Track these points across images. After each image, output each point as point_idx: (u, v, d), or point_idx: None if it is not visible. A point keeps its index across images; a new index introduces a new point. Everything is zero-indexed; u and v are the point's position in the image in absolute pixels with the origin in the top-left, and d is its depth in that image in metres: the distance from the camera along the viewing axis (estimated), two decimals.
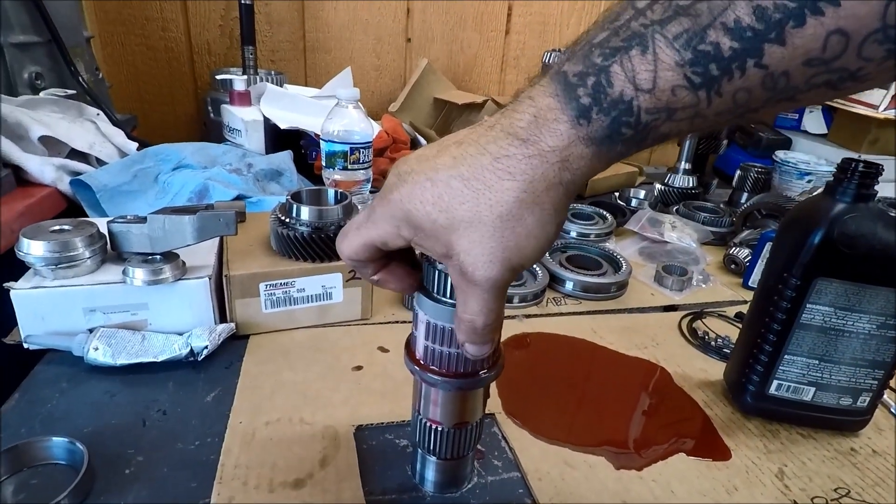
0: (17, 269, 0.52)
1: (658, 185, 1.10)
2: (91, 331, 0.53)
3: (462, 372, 0.36)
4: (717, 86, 0.22)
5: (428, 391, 0.38)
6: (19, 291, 0.51)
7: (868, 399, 0.49)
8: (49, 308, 0.52)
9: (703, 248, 0.89)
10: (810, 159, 1.18)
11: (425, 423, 0.39)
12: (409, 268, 0.34)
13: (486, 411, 0.50)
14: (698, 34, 0.22)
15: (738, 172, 1.08)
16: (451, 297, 0.33)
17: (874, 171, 0.45)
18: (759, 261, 0.78)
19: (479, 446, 0.46)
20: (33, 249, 0.50)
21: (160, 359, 0.53)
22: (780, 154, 1.20)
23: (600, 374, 0.59)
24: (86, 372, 0.52)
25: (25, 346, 0.52)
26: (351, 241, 0.31)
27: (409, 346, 0.38)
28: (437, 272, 0.33)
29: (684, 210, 0.99)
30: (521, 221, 0.26)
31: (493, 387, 0.53)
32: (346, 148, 0.78)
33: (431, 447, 0.40)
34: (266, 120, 0.91)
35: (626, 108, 0.24)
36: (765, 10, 0.20)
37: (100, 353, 0.51)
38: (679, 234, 0.89)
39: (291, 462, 0.44)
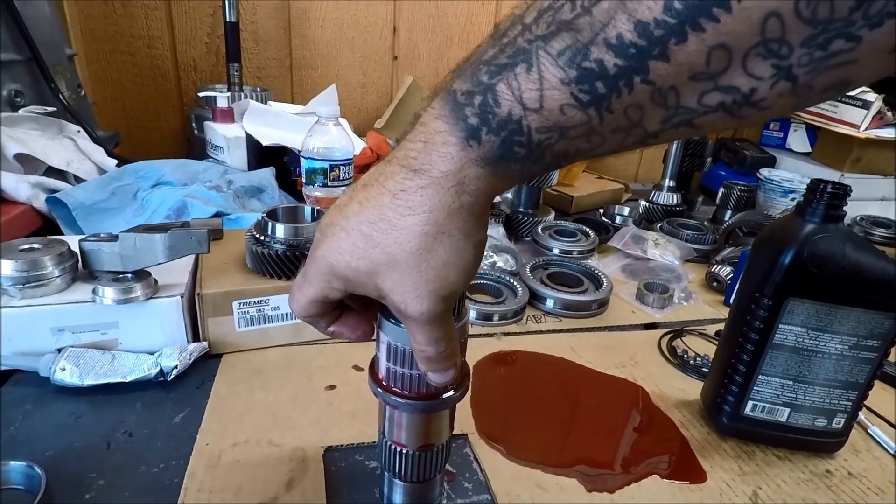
0: None
1: (643, 202, 1.11)
2: (59, 350, 0.52)
3: (425, 393, 0.35)
4: (607, 103, 0.22)
5: (392, 413, 0.37)
6: None
7: (843, 420, 0.49)
8: (16, 328, 0.51)
9: (686, 265, 0.89)
10: (794, 177, 1.19)
11: (390, 445, 0.38)
12: (360, 316, 0.35)
13: (459, 431, 0.49)
14: (581, 51, 0.21)
15: (722, 190, 1.09)
16: None
17: (843, 193, 0.45)
18: (740, 279, 0.78)
19: (449, 468, 0.46)
20: (1, 268, 0.50)
21: (129, 379, 0.52)
22: (765, 172, 1.21)
23: (577, 393, 0.58)
24: (52, 393, 0.51)
25: None
26: (298, 301, 0.32)
27: (373, 367, 0.37)
28: None
29: (668, 227, 0.99)
30: (433, 253, 0.26)
31: (466, 406, 0.53)
32: (327, 165, 0.78)
33: (397, 470, 0.39)
34: (249, 137, 0.91)
35: (515, 127, 0.23)
36: (646, 25, 0.20)
37: (67, 373, 0.50)
38: (662, 251, 0.89)
39: (257, 485, 0.43)
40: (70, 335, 0.53)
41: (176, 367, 0.53)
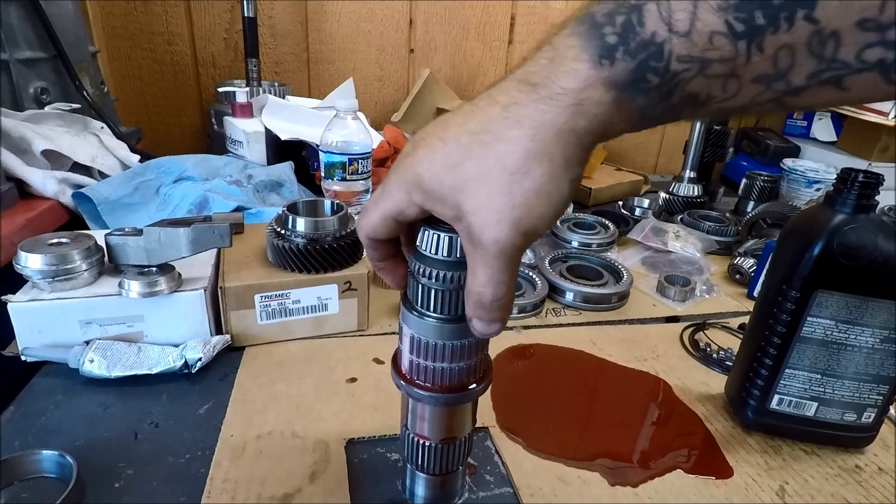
0: (16, 281, 0.53)
1: (663, 194, 1.09)
2: (87, 343, 0.53)
3: (448, 386, 0.35)
4: (761, 38, 0.20)
5: (415, 406, 0.38)
6: (17, 304, 0.51)
7: (873, 415, 0.48)
8: (46, 321, 0.52)
9: (707, 257, 0.88)
10: (819, 167, 1.16)
11: (413, 437, 0.39)
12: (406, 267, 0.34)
13: (480, 425, 0.49)
14: None
15: (744, 181, 1.07)
16: (433, 312, 0.33)
17: (874, 182, 0.44)
18: (764, 271, 0.76)
19: (471, 461, 0.46)
20: (31, 262, 0.51)
21: (154, 371, 0.53)
22: (788, 162, 1.18)
23: (598, 386, 0.58)
24: (81, 384, 0.52)
25: (23, 358, 0.53)
26: (370, 217, 0.30)
27: (396, 360, 0.37)
28: (419, 285, 0.32)
29: (689, 219, 0.97)
30: (530, 175, 0.24)
31: (487, 399, 0.53)
32: (345, 159, 0.78)
33: (420, 463, 0.39)
34: (267, 131, 0.92)
35: (655, 50, 0.22)
36: None
37: (95, 365, 0.52)
38: (683, 243, 0.88)
39: (280, 476, 0.43)
40: (97, 328, 0.54)
41: (200, 359, 0.54)
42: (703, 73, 0.22)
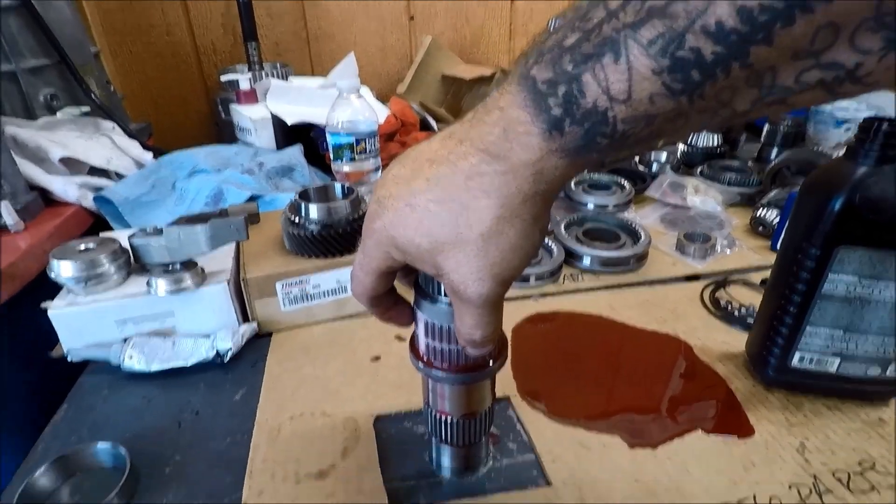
0: (52, 286, 0.56)
1: (681, 146, 1.06)
2: (125, 340, 0.56)
3: (465, 366, 0.36)
4: (700, 90, 0.21)
5: (434, 386, 0.39)
6: (56, 311, 0.54)
7: None
8: (84, 323, 0.55)
9: (728, 210, 0.86)
10: (849, 105, 1.10)
11: (436, 414, 0.40)
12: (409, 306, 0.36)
13: (502, 395, 0.51)
14: (675, 39, 0.20)
15: (767, 126, 1.03)
16: (446, 296, 0.33)
17: None
18: (786, 226, 0.75)
19: (494, 430, 0.48)
20: (63, 270, 0.53)
21: (190, 363, 0.55)
22: None
23: (617, 350, 0.58)
24: (124, 379, 0.55)
25: (69, 359, 0.56)
26: (362, 282, 0.32)
27: (413, 343, 0.38)
28: None
29: (708, 171, 0.95)
30: (504, 236, 0.26)
31: (507, 369, 0.54)
32: (352, 139, 0.78)
33: (444, 437, 0.41)
34: (274, 116, 0.92)
35: (600, 119, 0.23)
36: (750, 11, 0.18)
37: (134, 360, 0.55)
38: (702, 197, 0.86)
39: (314, 455, 0.46)
40: (133, 325, 0.56)
41: (230, 349, 0.56)
42: (650, 126, 0.23)
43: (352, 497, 0.41)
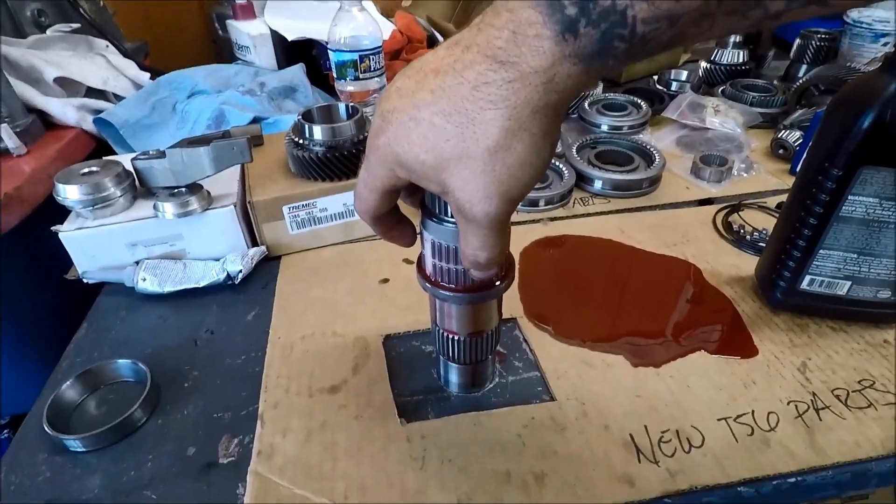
0: (62, 211, 0.56)
1: (703, 63, 1.00)
2: (137, 263, 0.57)
3: (471, 286, 0.36)
4: None
5: (442, 305, 0.40)
6: (66, 233, 0.54)
7: None
8: (95, 246, 0.55)
9: (749, 132, 0.83)
10: (891, 16, 1.02)
11: (443, 333, 0.41)
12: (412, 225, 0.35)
13: (509, 316, 0.52)
14: None
15: (798, 41, 0.96)
16: (452, 217, 0.33)
17: None
18: (810, 145, 0.72)
19: (500, 349, 0.49)
20: (69, 193, 0.53)
21: (202, 284, 0.56)
22: (854, 14, 1.04)
23: (625, 273, 0.58)
24: (139, 300, 0.57)
25: (84, 281, 0.57)
26: (366, 200, 0.31)
27: (420, 264, 0.38)
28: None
29: (731, 90, 0.90)
30: (511, 151, 0.25)
31: (514, 291, 0.54)
32: (356, 56, 0.74)
33: (451, 355, 0.42)
34: (273, 32, 0.88)
35: (619, 19, 0.21)
36: None
37: (148, 283, 0.56)
38: (722, 118, 0.83)
39: (327, 371, 0.47)
40: (143, 248, 0.57)
41: (240, 271, 0.57)
42: (672, 27, 0.21)
43: (363, 410, 0.43)
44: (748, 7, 0.20)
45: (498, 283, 0.37)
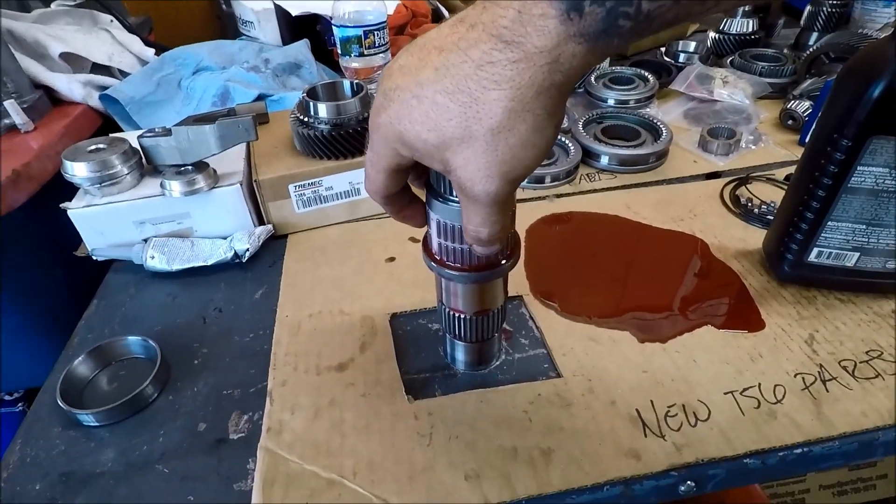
0: (69, 188, 0.56)
1: (712, 34, 0.98)
2: (146, 241, 0.57)
3: (477, 265, 0.36)
4: None
5: (448, 284, 0.40)
6: (75, 211, 0.55)
7: None
8: (104, 223, 0.56)
9: (758, 103, 0.81)
10: None
11: (449, 312, 0.41)
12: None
13: (515, 294, 0.52)
14: None
15: (809, 8, 0.94)
16: (456, 196, 0.33)
17: None
18: (819, 115, 0.70)
19: (506, 327, 0.49)
20: (77, 171, 0.53)
21: (209, 262, 0.57)
22: None
23: (632, 249, 0.58)
24: (148, 278, 0.57)
25: (94, 258, 0.58)
26: (374, 180, 0.31)
27: (426, 243, 0.38)
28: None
29: (739, 61, 0.88)
30: (514, 132, 0.25)
31: (520, 269, 0.54)
32: (360, 32, 0.73)
33: (457, 333, 0.43)
34: (278, 7, 0.86)
35: None
36: None
37: (156, 260, 0.56)
38: (731, 89, 0.81)
39: (334, 349, 0.48)
40: (151, 226, 0.57)
41: (247, 249, 0.57)
42: (678, 4, 0.21)
43: (370, 387, 0.44)
44: None
45: (503, 261, 0.37)
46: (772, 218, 0.58)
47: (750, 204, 0.62)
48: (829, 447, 0.38)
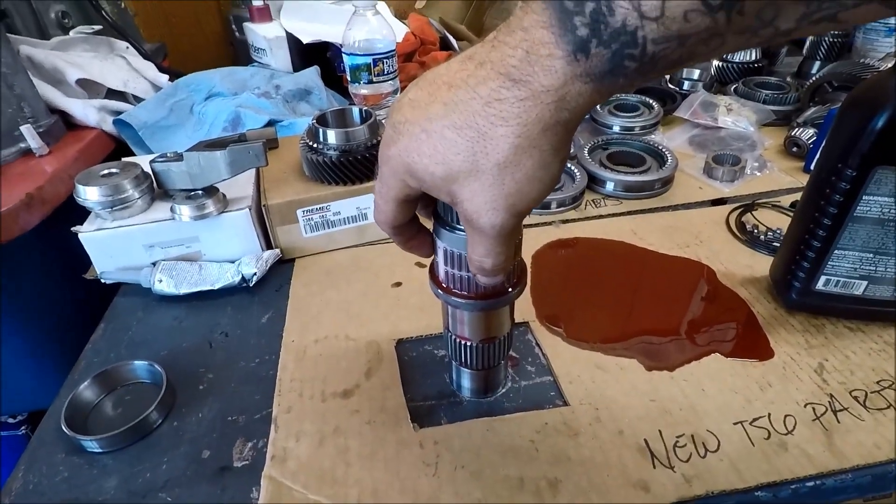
0: (81, 211, 0.57)
1: (715, 62, 0.99)
2: (154, 264, 0.58)
3: (483, 293, 0.37)
4: (740, 5, 0.19)
5: (454, 312, 0.40)
6: (86, 234, 0.55)
7: None
8: (114, 247, 0.56)
9: (763, 130, 0.82)
10: None
11: (455, 339, 0.41)
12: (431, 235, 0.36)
13: (521, 320, 0.52)
14: None
15: (811, 37, 0.95)
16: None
17: None
18: (823, 144, 0.71)
19: (513, 354, 0.49)
20: (89, 195, 0.54)
21: (217, 286, 0.57)
22: None
23: (637, 275, 0.58)
24: (156, 301, 0.57)
25: (102, 281, 0.58)
26: (383, 210, 0.32)
27: (433, 270, 0.39)
28: None
29: (743, 89, 0.89)
30: (520, 167, 0.25)
31: (526, 295, 0.54)
32: (370, 60, 0.75)
33: (463, 360, 0.42)
34: (289, 35, 0.88)
35: (629, 39, 0.21)
36: None
37: (164, 284, 0.56)
38: (735, 117, 0.82)
39: (340, 375, 0.48)
40: (160, 250, 0.58)
41: (255, 273, 0.57)
42: (682, 46, 0.21)
43: (376, 414, 0.44)
44: (758, 26, 0.20)
45: (510, 289, 0.37)
46: (778, 245, 0.58)
47: (756, 230, 0.62)
48: (842, 479, 0.37)
